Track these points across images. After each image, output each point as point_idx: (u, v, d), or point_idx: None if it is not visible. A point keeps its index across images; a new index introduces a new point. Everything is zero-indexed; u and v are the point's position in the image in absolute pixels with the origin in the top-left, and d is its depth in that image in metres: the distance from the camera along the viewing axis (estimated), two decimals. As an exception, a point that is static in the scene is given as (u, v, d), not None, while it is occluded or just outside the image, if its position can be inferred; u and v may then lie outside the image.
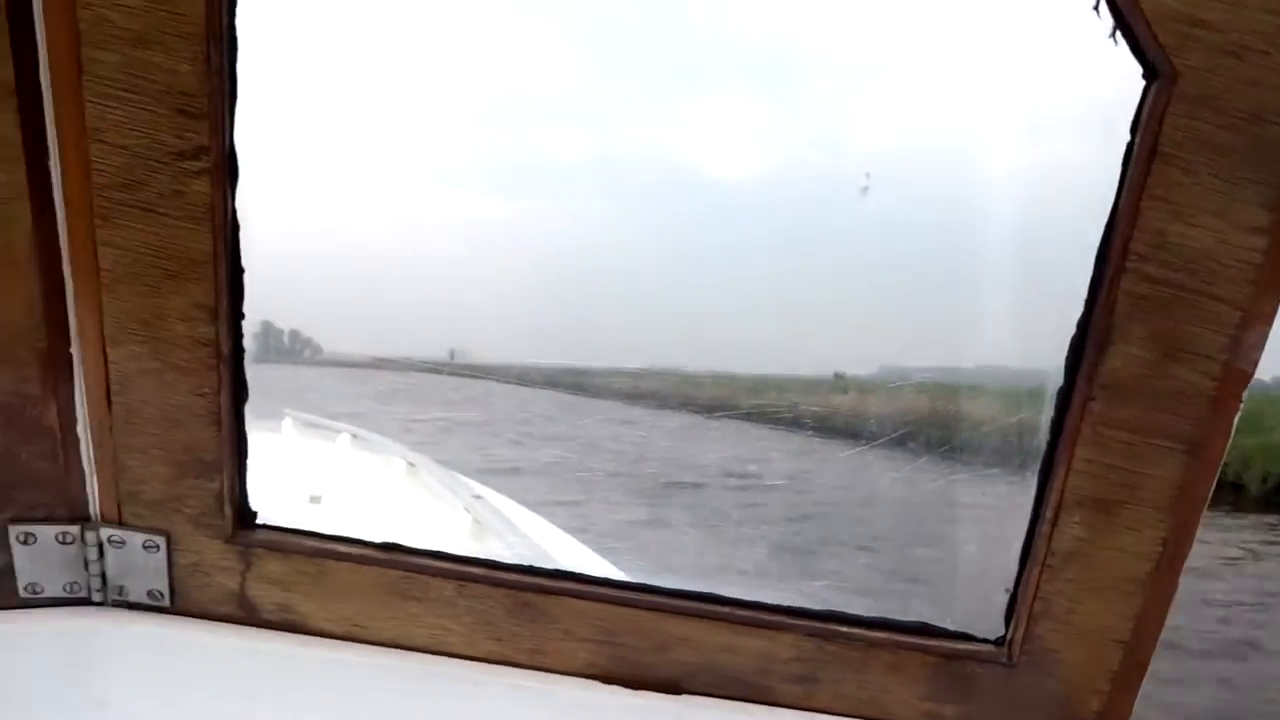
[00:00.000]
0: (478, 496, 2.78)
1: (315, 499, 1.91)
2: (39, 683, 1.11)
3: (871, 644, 1.10)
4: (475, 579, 1.11)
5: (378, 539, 1.13)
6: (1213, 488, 0.96)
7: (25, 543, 1.07)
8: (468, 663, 1.14)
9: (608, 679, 1.14)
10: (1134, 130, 0.88)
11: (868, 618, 1.11)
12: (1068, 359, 0.93)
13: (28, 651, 1.11)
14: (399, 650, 1.14)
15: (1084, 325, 0.91)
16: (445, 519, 2.59)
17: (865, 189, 1.00)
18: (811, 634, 1.10)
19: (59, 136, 0.88)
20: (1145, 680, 1.08)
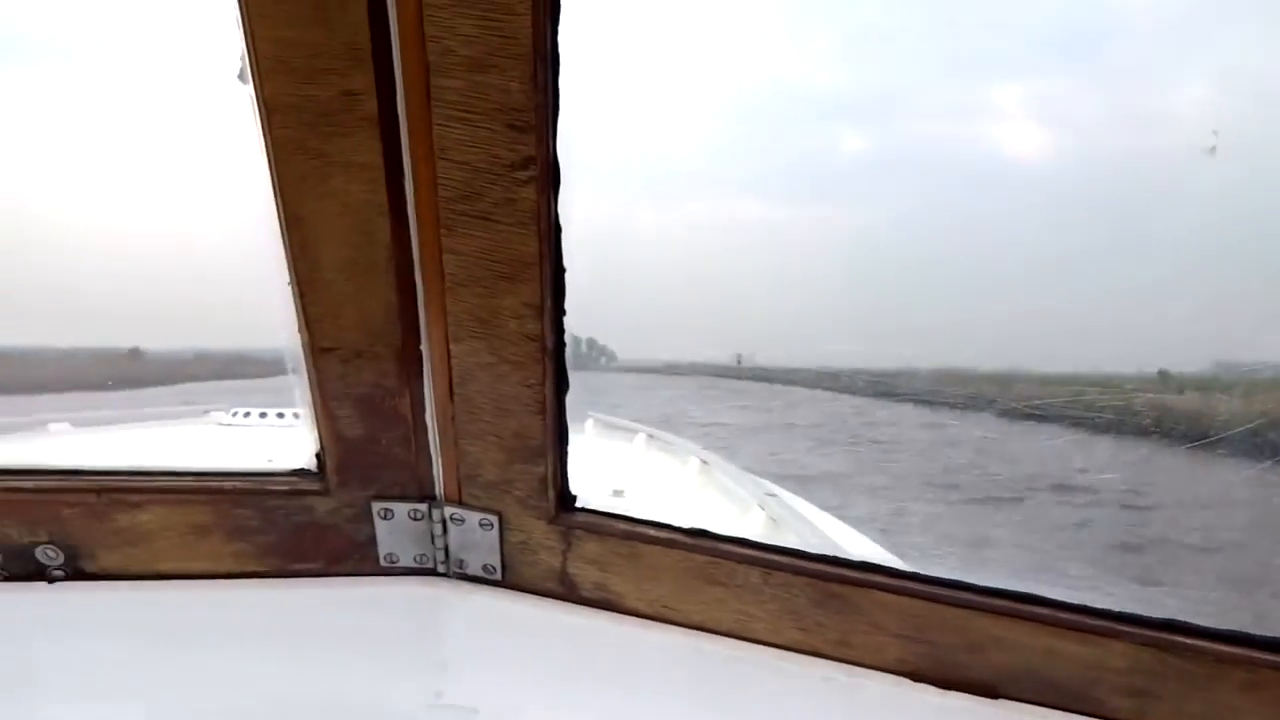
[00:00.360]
0: (771, 494, 2.80)
1: (618, 493, 2.01)
2: (395, 643, 1.25)
3: (1222, 659, 0.99)
4: (780, 567, 1.12)
5: (685, 524, 1.17)
6: None
7: (385, 518, 1.22)
8: (772, 650, 1.16)
9: (917, 677, 1.11)
10: None
11: (1217, 630, 1.00)
12: None
13: (385, 613, 1.26)
14: (706, 634, 1.18)
15: None
16: (740, 514, 2.63)
17: (1213, 149, 0.90)
18: (1148, 644, 1.01)
19: (411, 158, 1.00)
20: None
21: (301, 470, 1.22)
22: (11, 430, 3.41)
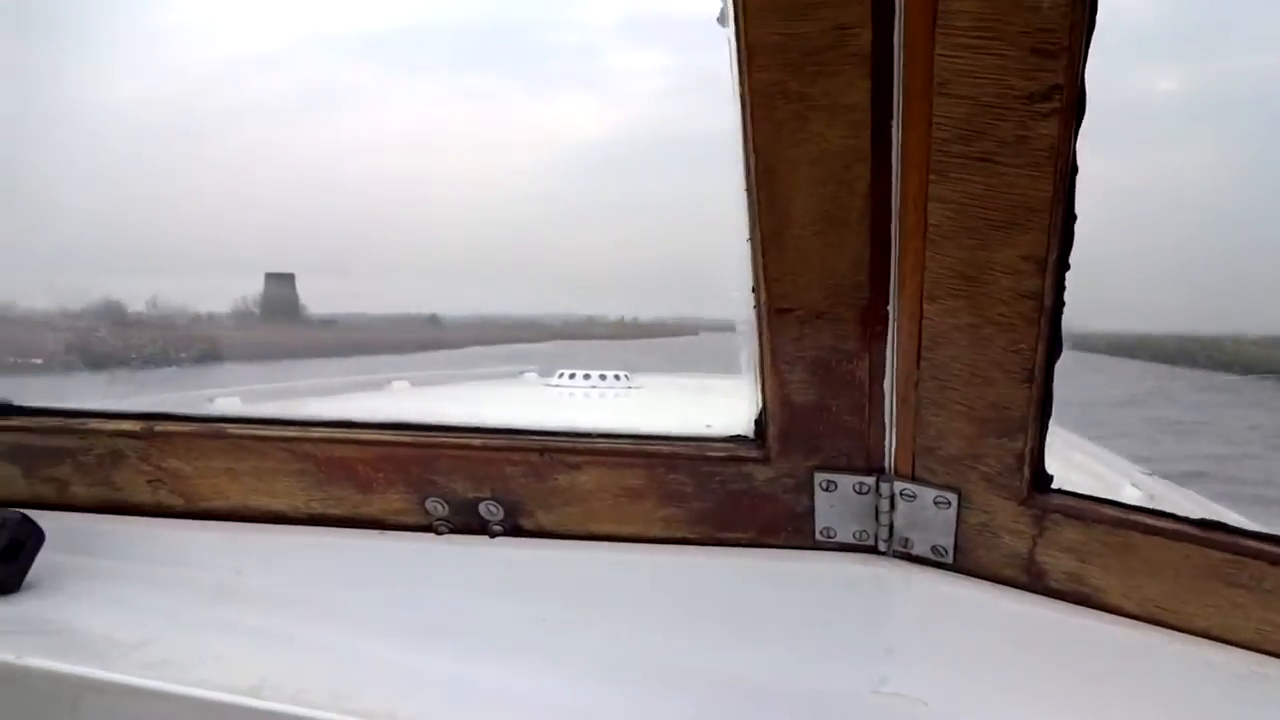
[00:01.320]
0: (1146, 473, 2.49)
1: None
2: (830, 622, 1.18)
3: None
4: (1331, 572, 0.93)
5: (1193, 514, 1.00)
6: None
7: (827, 490, 1.15)
8: None
9: None
10: None
11: None
12: None
13: (821, 590, 1.19)
14: (1214, 643, 1.01)
15: None
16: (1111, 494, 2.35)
17: None
18: None
19: (903, 95, 0.89)
20: None
21: (740, 436, 1.18)
22: (363, 388, 3.75)
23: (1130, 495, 2.38)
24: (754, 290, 1.05)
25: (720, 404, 1.33)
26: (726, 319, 1.16)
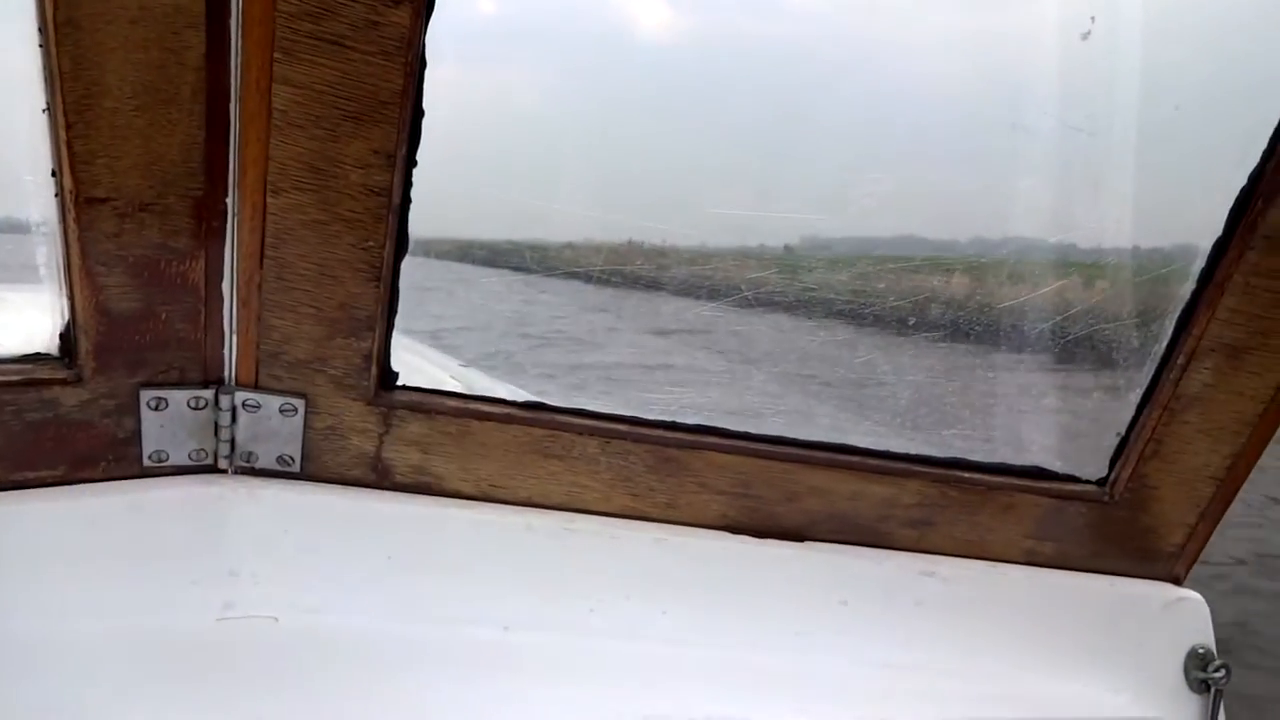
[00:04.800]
0: (464, 365, 2.69)
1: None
2: (167, 554, 1.06)
3: (990, 488, 1.17)
4: (620, 435, 1.12)
5: (521, 399, 1.12)
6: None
7: (156, 409, 1.01)
8: (604, 518, 1.16)
9: (736, 529, 1.18)
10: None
11: (987, 464, 1.18)
12: (1231, 211, 0.99)
13: (154, 522, 1.06)
14: (535, 509, 1.15)
15: (1256, 177, 0.97)
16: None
17: (1087, 34, 0.99)
18: (936, 480, 1.17)
19: (244, -43, 0.80)
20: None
21: (39, 355, 0.97)
22: None
23: (451, 386, 2.55)
24: (59, 174, 0.86)
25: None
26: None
